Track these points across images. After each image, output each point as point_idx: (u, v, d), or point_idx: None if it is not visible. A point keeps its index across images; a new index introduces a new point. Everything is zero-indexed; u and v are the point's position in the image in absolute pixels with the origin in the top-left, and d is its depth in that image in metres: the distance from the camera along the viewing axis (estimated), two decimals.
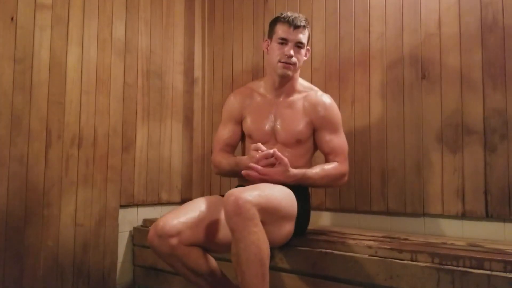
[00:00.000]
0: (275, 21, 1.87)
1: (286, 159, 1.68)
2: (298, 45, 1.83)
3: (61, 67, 2.22)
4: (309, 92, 1.91)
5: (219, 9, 2.85)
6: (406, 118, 2.08)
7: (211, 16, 2.89)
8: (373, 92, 2.18)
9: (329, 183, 1.82)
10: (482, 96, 1.89)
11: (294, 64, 1.83)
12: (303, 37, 1.83)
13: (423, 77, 2.04)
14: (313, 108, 1.87)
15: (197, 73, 2.88)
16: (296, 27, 1.80)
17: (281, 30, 1.82)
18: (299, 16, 1.83)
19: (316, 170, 1.77)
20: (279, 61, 1.82)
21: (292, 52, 1.81)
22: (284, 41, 1.82)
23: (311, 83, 2.29)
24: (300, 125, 1.85)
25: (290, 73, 1.84)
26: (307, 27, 1.85)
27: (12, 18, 2.04)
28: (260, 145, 1.73)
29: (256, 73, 2.60)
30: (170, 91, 2.76)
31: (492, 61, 1.87)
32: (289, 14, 1.83)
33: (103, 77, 2.39)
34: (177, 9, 2.82)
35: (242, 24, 2.73)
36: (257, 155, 1.70)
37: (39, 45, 2.13)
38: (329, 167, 1.80)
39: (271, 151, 1.68)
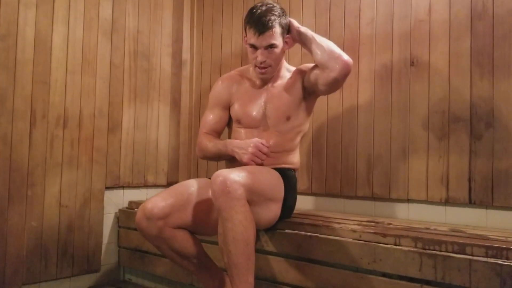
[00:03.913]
0: (245, 21, 1.78)
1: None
2: (269, 47, 1.75)
3: (46, 46, 2.18)
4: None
5: None
6: (393, 104, 2.09)
7: None
8: (362, 78, 2.18)
9: (328, 53, 1.70)
10: (469, 84, 1.90)
11: (269, 66, 1.79)
12: (272, 38, 1.72)
13: (412, 64, 2.04)
14: (298, 72, 1.88)
15: (185, 55, 2.85)
16: (261, 33, 1.70)
17: (249, 35, 1.74)
18: (265, 17, 1.70)
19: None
20: (255, 66, 1.80)
21: (262, 58, 1.75)
22: (254, 47, 1.76)
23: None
24: (292, 95, 1.84)
25: (268, 75, 1.83)
26: (276, 24, 1.71)
27: None
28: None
29: (246, 57, 2.57)
30: (158, 73, 2.72)
31: (480, 49, 1.88)
32: (256, 15, 1.72)
33: (89, 57, 2.35)
34: None
35: (232, 7, 2.69)
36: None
37: (24, 23, 2.09)
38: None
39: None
